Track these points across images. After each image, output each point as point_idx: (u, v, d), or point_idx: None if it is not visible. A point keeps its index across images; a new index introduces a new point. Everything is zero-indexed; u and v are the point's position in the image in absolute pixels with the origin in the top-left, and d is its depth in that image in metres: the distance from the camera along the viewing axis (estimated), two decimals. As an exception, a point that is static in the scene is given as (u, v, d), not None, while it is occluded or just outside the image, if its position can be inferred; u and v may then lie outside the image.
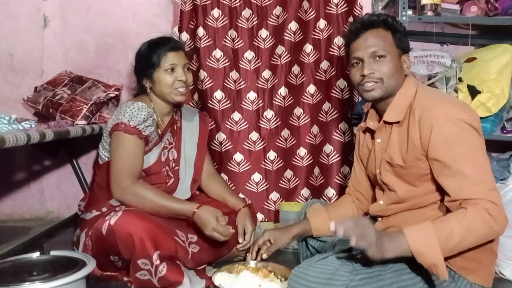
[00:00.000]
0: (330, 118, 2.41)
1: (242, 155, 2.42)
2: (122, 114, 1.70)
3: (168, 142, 1.87)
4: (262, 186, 2.44)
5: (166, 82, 1.75)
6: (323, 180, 2.42)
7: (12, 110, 2.35)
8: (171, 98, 1.78)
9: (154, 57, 1.76)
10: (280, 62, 2.43)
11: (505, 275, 1.70)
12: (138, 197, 1.64)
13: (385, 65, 1.38)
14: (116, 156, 1.69)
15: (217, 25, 2.40)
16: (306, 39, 2.41)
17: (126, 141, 1.68)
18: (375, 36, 1.40)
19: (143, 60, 1.79)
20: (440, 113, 1.28)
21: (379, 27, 1.41)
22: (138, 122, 1.70)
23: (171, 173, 1.86)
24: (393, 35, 1.41)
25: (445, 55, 2.15)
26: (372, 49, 1.39)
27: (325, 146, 2.42)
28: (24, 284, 1.31)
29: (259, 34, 2.43)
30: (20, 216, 2.58)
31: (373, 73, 1.38)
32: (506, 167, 1.96)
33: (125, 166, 1.67)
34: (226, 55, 2.40)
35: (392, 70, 1.38)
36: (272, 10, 2.42)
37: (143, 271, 1.50)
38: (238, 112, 2.43)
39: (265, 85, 2.44)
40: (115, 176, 1.67)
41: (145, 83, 1.80)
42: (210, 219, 1.62)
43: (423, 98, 1.36)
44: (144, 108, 1.72)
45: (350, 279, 1.21)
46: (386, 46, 1.39)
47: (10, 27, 2.50)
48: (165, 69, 1.75)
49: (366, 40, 1.40)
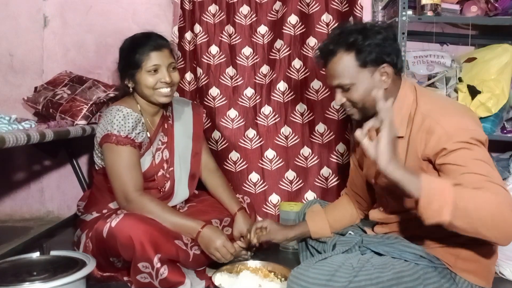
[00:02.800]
0: (342, 116, 2.28)
1: (238, 154, 2.31)
2: (110, 125, 1.65)
3: (161, 142, 1.83)
4: (260, 187, 2.31)
5: (148, 84, 1.67)
6: (337, 181, 2.27)
7: (12, 110, 2.35)
8: (155, 100, 1.71)
9: (136, 56, 1.66)
10: (279, 56, 2.34)
11: (505, 275, 1.70)
12: (144, 211, 1.60)
13: (354, 93, 1.32)
14: (115, 169, 1.64)
15: (214, 21, 2.36)
16: (309, 32, 2.30)
17: (121, 152, 1.64)
18: (336, 66, 1.32)
19: (125, 59, 1.72)
20: (451, 125, 1.21)
21: (338, 53, 1.32)
22: (129, 131, 1.65)
23: (167, 175, 1.82)
24: (357, 56, 1.30)
25: (445, 55, 2.16)
26: (336, 82, 1.34)
27: (338, 146, 2.28)
28: (24, 284, 1.31)
29: (258, 31, 2.36)
30: (20, 216, 2.58)
31: (344, 102, 1.35)
32: (506, 167, 1.96)
33: (129, 179, 1.63)
34: (223, 51, 2.35)
35: (364, 95, 1.31)
36: (272, 6, 2.35)
37: (144, 274, 1.50)
38: (234, 109, 2.33)
39: (263, 81, 2.35)
40: (121, 189, 1.63)
41: (128, 82, 1.73)
42: (214, 238, 1.57)
43: (427, 109, 1.28)
44: (130, 114, 1.66)
45: (349, 280, 1.20)
46: (350, 73, 1.30)
47: (10, 27, 2.50)
48: (147, 70, 1.66)
49: (329, 72, 1.35)
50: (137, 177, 1.66)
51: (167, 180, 1.82)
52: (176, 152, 1.86)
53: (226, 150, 2.32)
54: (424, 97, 1.33)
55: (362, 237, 1.44)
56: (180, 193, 1.86)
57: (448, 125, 1.21)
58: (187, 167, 1.89)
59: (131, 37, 1.77)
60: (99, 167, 1.79)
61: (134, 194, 1.62)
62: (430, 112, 1.26)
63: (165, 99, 1.72)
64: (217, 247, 1.57)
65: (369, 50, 1.29)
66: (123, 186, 1.63)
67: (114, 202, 1.75)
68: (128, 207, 1.62)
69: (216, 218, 1.81)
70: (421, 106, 1.30)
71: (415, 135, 1.28)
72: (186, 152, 1.90)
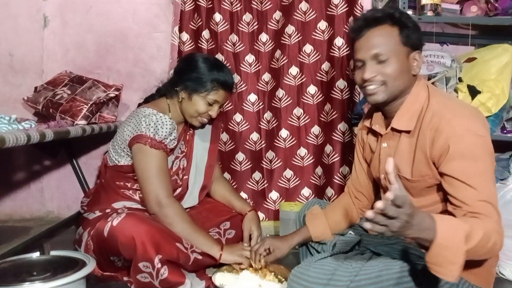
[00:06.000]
0: (331, 118, 2.43)
1: (244, 155, 2.49)
2: (145, 126, 1.66)
3: (180, 151, 1.86)
4: (262, 185, 2.50)
5: (198, 109, 1.72)
6: (325, 180, 2.45)
7: (12, 110, 2.35)
8: (191, 121, 1.78)
9: (208, 84, 1.70)
10: (277, 65, 2.46)
11: (505, 275, 1.70)
12: (175, 219, 1.62)
13: (389, 67, 1.27)
14: (148, 172, 1.65)
15: (218, 30, 2.43)
16: (305, 40, 2.43)
17: (154, 156, 1.66)
18: (379, 36, 1.28)
19: (196, 73, 1.72)
20: (461, 126, 1.19)
21: (384, 24, 1.28)
22: (164, 136, 1.67)
23: (179, 182, 1.85)
24: (400, 31, 1.27)
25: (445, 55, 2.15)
26: (374, 51, 1.27)
27: (326, 147, 2.45)
28: (24, 284, 1.31)
29: (259, 38, 2.46)
30: (20, 216, 2.58)
31: (375, 76, 1.28)
32: (506, 167, 1.95)
33: (162, 183, 1.65)
34: (227, 59, 2.44)
35: (397, 72, 1.27)
36: (272, 15, 2.45)
37: (144, 273, 1.50)
38: (240, 114, 2.48)
39: (265, 88, 2.49)
40: (154, 193, 1.63)
41: (180, 91, 1.75)
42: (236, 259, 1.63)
43: (439, 107, 1.26)
44: (167, 121, 1.68)
45: (350, 279, 1.20)
46: (391, 46, 1.27)
47: (10, 27, 2.50)
48: (207, 99, 1.72)
49: (369, 41, 1.29)
50: (168, 183, 1.69)
51: (179, 186, 1.85)
52: (193, 162, 1.90)
53: (232, 151, 2.49)
54: (436, 96, 1.31)
55: (362, 237, 1.43)
56: (189, 200, 1.89)
57: (457, 125, 1.20)
58: (200, 178, 1.92)
59: (214, 59, 1.84)
60: (114, 163, 1.77)
61: (168, 199, 1.63)
62: (441, 111, 1.25)
63: (198, 125, 1.82)
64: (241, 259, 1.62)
65: (412, 30, 1.29)
66: (156, 190, 1.63)
67: (117, 202, 1.75)
68: (160, 211, 1.62)
69: (215, 226, 1.82)
70: (432, 104, 1.29)
71: (424, 131, 1.27)
72: (201, 164, 1.93)
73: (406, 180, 1.32)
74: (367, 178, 1.58)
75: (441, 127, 1.22)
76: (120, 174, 1.77)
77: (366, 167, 1.57)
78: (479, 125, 1.22)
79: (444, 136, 1.21)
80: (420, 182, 1.30)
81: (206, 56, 1.88)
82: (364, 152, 1.56)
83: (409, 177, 1.31)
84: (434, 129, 1.23)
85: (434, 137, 1.23)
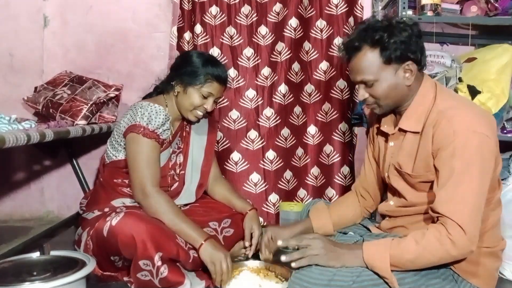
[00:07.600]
0: (330, 118, 2.41)
1: (240, 154, 2.38)
2: (140, 116, 1.68)
3: (177, 147, 1.87)
4: (261, 187, 2.39)
5: (193, 102, 1.74)
6: (324, 181, 2.42)
7: (12, 110, 2.34)
8: (186, 115, 1.78)
9: (203, 75, 1.73)
10: (280, 59, 2.40)
11: (505, 275, 1.70)
12: (159, 209, 1.61)
13: (377, 89, 1.32)
14: (137, 160, 1.66)
15: (215, 23, 2.38)
16: (305, 37, 2.39)
17: (145, 145, 1.67)
18: (360, 62, 1.31)
19: (191, 67, 1.75)
20: (460, 124, 1.22)
21: (363, 49, 1.31)
22: (157, 126, 1.68)
23: (176, 177, 1.86)
24: (381, 52, 1.29)
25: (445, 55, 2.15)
26: (359, 78, 1.33)
27: (325, 147, 2.41)
28: (24, 284, 1.31)
29: (259, 31, 2.40)
30: (20, 216, 2.58)
31: (367, 98, 1.35)
32: (506, 167, 1.95)
33: (148, 173, 1.65)
34: (224, 53, 2.38)
35: (387, 91, 1.32)
36: (272, 7, 2.39)
37: (145, 271, 1.50)
38: (236, 110, 2.40)
39: (265, 83, 2.41)
40: (139, 181, 1.64)
41: (176, 85, 1.77)
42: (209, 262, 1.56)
43: (444, 106, 1.28)
44: (162, 111, 1.70)
45: (353, 280, 1.21)
46: (373, 69, 1.30)
47: (10, 27, 2.50)
48: (202, 92, 1.74)
49: (353, 67, 1.34)
50: (156, 173, 1.69)
51: (175, 181, 1.85)
52: (189, 158, 1.91)
53: (227, 150, 2.37)
54: (443, 96, 1.33)
55: (363, 237, 1.44)
56: (186, 196, 1.89)
57: (457, 122, 1.22)
58: (197, 175, 1.93)
59: (209, 55, 1.90)
60: (111, 159, 1.79)
61: (152, 189, 1.64)
62: (445, 110, 1.27)
63: (194, 120, 1.81)
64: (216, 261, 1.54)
65: (394, 48, 1.28)
66: (141, 178, 1.64)
67: (116, 200, 1.75)
68: (144, 201, 1.63)
69: (215, 220, 1.82)
70: (438, 103, 1.31)
71: (428, 129, 1.29)
72: (198, 162, 1.94)
73: (408, 175, 1.35)
74: (375, 177, 1.59)
75: (442, 123, 1.24)
76: (118, 171, 1.77)
77: (375, 166, 1.58)
78: (481, 124, 1.23)
79: (442, 132, 1.24)
80: (421, 177, 1.32)
81: (201, 52, 1.90)
82: (374, 151, 1.57)
83: (410, 173, 1.34)
84: (436, 126, 1.26)
85: (435, 133, 1.26)
